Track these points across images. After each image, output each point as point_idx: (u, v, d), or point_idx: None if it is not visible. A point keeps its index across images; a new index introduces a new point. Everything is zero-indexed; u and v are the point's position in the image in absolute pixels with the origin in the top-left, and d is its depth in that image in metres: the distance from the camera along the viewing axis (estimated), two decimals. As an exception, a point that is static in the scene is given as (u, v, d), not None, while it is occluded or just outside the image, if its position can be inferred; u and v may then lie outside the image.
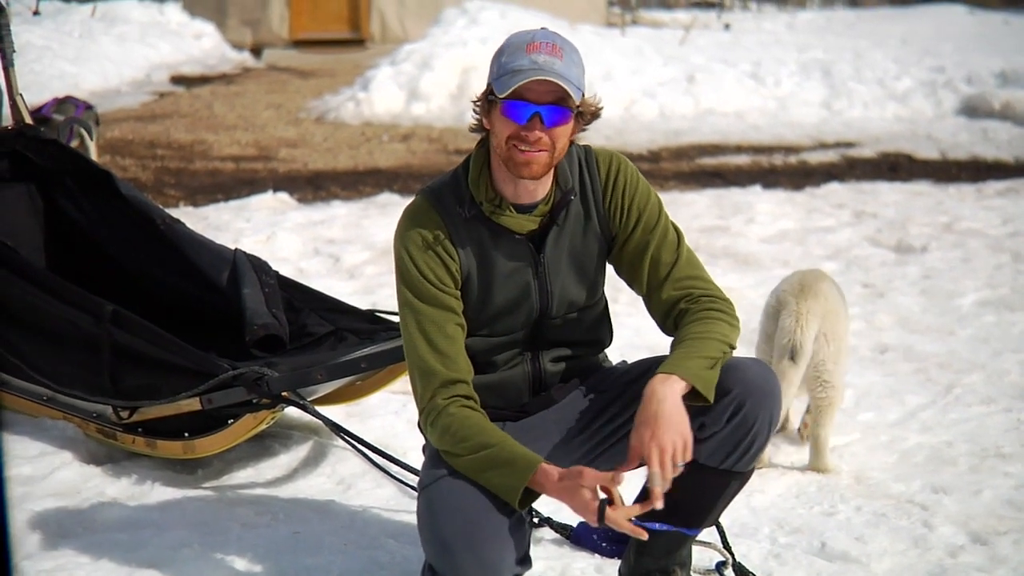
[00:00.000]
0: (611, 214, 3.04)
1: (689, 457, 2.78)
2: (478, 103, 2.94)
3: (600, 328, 3.18)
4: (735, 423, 2.89)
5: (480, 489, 2.83)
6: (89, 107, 8.08)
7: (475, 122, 2.97)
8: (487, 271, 2.98)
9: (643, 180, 3.08)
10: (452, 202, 2.96)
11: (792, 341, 4.03)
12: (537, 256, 3.00)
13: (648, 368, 3.00)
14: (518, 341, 3.07)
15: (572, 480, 2.76)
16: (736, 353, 2.97)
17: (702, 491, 2.98)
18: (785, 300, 4.13)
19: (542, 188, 2.96)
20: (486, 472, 2.82)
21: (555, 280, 3.02)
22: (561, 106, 2.83)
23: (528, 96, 2.81)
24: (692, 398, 2.82)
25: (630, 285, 3.11)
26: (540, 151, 2.83)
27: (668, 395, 2.77)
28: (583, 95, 2.87)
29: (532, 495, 2.84)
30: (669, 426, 2.74)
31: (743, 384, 2.89)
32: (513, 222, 2.96)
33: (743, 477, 3.01)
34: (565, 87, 2.80)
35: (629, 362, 3.21)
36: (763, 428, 2.92)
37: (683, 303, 2.99)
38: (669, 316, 3.02)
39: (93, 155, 7.65)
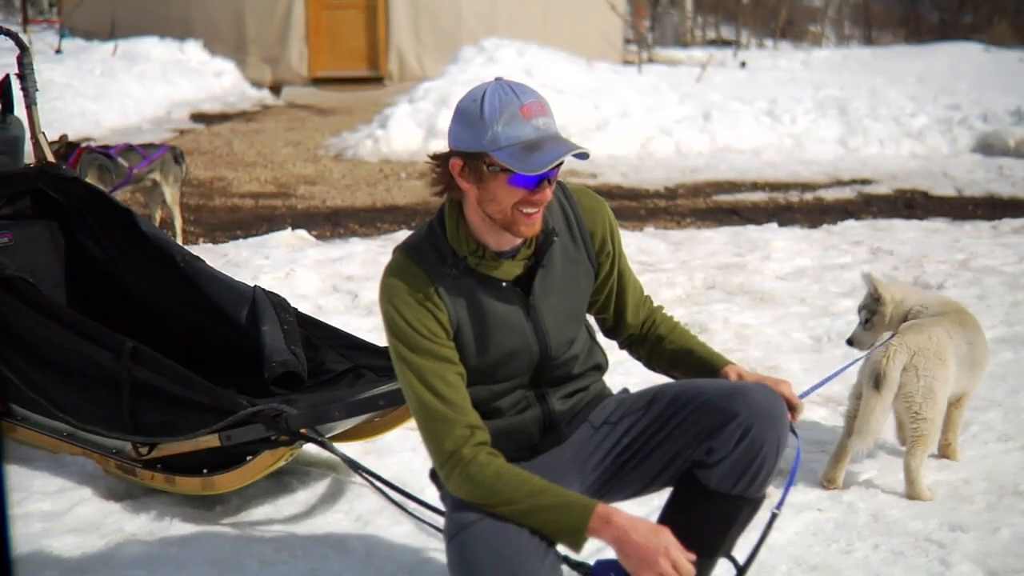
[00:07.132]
0: (597, 246, 3.09)
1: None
2: (444, 166, 2.87)
3: (594, 352, 3.20)
4: (743, 447, 2.92)
5: (516, 534, 2.76)
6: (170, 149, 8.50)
7: (439, 184, 2.89)
8: (479, 321, 2.94)
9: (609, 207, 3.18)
10: (434, 257, 2.92)
11: (876, 369, 4.19)
12: (526, 299, 2.98)
13: (657, 393, 3.11)
14: (522, 385, 3.06)
15: (657, 541, 2.70)
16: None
17: (716, 519, 2.99)
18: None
19: None
20: (541, 516, 2.75)
21: (548, 319, 3.01)
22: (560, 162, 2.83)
23: None
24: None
25: (601, 312, 3.25)
26: (541, 208, 2.85)
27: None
28: None
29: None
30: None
31: (749, 408, 2.92)
32: (498, 270, 2.94)
33: (755, 503, 3.03)
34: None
35: (631, 390, 3.24)
36: (771, 452, 2.94)
37: (649, 323, 3.28)
38: (642, 332, 3.30)
39: (168, 197, 8.09)
